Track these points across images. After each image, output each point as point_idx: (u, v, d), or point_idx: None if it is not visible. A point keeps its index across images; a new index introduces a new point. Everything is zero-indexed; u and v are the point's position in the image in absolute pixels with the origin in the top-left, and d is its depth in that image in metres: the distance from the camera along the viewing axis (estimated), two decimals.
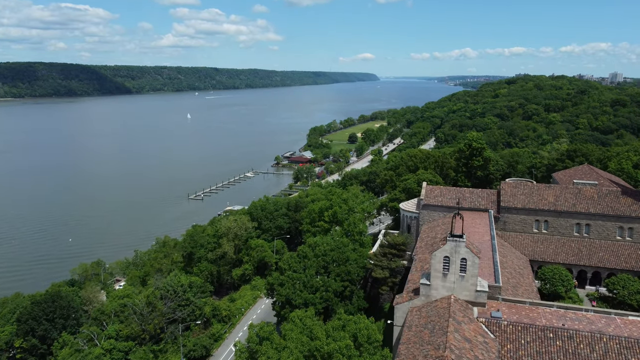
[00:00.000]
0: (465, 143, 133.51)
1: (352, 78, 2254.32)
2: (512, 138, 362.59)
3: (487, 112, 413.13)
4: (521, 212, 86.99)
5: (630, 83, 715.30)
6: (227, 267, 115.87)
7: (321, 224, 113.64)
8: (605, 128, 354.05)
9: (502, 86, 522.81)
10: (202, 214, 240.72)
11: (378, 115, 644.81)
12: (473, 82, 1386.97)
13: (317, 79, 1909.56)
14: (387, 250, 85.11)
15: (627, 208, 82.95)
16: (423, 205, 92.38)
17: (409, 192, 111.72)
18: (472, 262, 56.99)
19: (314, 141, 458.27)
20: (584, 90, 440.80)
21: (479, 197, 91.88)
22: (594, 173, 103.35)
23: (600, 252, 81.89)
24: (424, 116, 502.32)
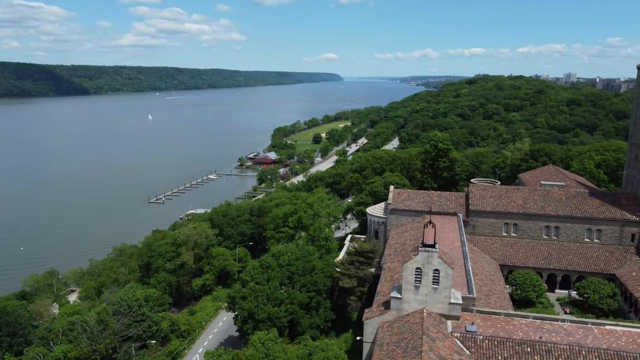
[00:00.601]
0: (431, 144, 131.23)
1: (316, 78, 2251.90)
2: (474, 137, 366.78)
3: (450, 111, 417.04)
4: (490, 216, 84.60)
5: (583, 83, 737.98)
6: (186, 277, 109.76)
7: (286, 230, 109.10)
8: (562, 127, 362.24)
9: (463, 86, 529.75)
10: (163, 218, 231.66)
11: (342, 116, 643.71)
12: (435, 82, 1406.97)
13: (281, 79, 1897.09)
14: (354, 258, 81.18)
15: (595, 210, 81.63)
16: (391, 210, 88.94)
17: (376, 195, 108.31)
18: (446, 274, 53.54)
19: (278, 142, 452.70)
20: (541, 90, 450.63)
21: (448, 200, 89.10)
22: (559, 174, 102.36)
23: (569, 254, 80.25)
24: (388, 116, 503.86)
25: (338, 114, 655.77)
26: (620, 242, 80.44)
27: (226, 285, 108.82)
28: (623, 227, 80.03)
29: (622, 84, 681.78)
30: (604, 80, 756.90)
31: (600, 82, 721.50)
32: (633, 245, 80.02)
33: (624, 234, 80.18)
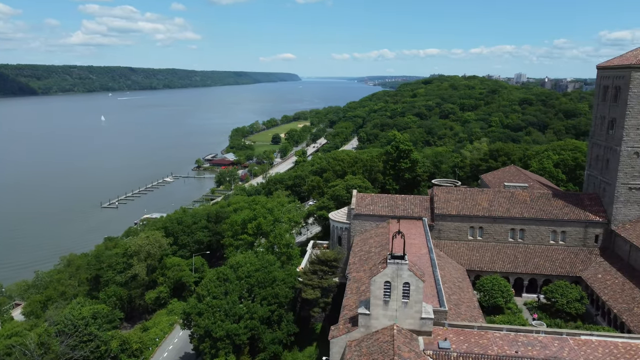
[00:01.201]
0: (393, 145, 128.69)
1: (274, 78, 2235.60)
2: (432, 136, 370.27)
3: (407, 111, 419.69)
4: (455, 219, 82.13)
5: (533, 83, 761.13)
6: (139, 290, 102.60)
7: (244, 237, 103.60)
8: (516, 126, 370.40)
9: (420, 86, 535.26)
10: (116, 223, 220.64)
11: (301, 116, 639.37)
12: (392, 82, 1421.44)
13: (238, 78, 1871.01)
14: (317, 267, 76.92)
15: (559, 211, 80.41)
16: (354, 215, 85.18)
17: (338, 199, 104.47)
18: (416, 287, 49.96)
19: (236, 143, 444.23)
20: (494, 90, 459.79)
21: (412, 204, 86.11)
22: (521, 174, 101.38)
23: (535, 257, 78.66)
24: (346, 116, 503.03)
25: (297, 114, 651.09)
26: (585, 244, 79.51)
27: (182, 298, 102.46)
28: (587, 228, 79.12)
29: (568, 83, 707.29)
30: (552, 80, 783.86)
31: (548, 82, 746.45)
32: (597, 246, 79.21)
33: (587, 235, 79.28)
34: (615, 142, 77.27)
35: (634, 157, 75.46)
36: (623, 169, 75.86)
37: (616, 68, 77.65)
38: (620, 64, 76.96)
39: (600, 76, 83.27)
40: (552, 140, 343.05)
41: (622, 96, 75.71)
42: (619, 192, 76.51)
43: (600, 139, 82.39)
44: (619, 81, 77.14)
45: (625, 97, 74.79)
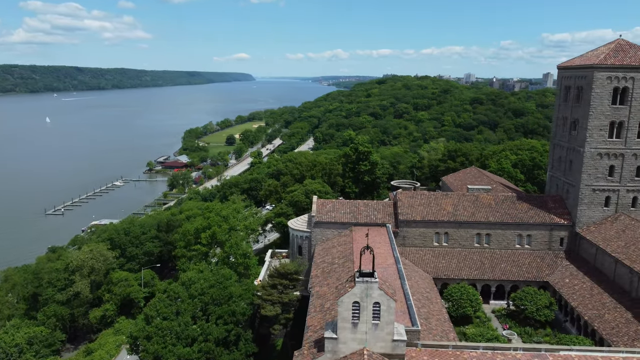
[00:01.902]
0: (351, 147, 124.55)
1: (227, 78, 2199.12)
2: (387, 136, 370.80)
3: (362, 111, 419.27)
4: (420, 225, 78.46)
5: (482, 82, 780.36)
6: (82, 308, 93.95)
7: (198, 248, 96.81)
8: (468, 125, 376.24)
9: (374, 86, 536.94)
10: (62, 231, 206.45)
11: (256, 116, 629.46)
12: (346, 82, 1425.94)
13: (191, 78, 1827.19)
14: (277, 281, 71.37)
15: (524, 214, 78.17)
16: (315, 223, 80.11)
17: (297, 205, 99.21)
18: (388, 307, 45.36)
19: (189, 144, 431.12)
20: (446, 90, 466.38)
21: (375, 210, 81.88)
22: (483, 176, 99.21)
23: (502, 263, 76.03)
24: (302, 116, 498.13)
25: (251, 115, 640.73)
26: (550, 247, 77.56)
27: (130, 315, 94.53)
28: (552, 231, 77.19)
29: (515, 83, 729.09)
30: (499, 80, 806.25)
31: (496, 82, 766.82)
32: (562, 249, 77.42)
33: (553, 238, 77.36)
34: (578, 143, 75.61)
35: (597, 159, 73.96)
36: (587, 171, 74.24)
37: (578, 68, 76.00)
38: (581, 64, 75.31)
39: (562, 76, 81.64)
40: (503, 138, 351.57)
41: (585, 97, 74.06)
42: (583, 194, 74.87)
43: (563, 140, 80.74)
44: (581, 81, 75.49)
45: (587, 97, 73.12)
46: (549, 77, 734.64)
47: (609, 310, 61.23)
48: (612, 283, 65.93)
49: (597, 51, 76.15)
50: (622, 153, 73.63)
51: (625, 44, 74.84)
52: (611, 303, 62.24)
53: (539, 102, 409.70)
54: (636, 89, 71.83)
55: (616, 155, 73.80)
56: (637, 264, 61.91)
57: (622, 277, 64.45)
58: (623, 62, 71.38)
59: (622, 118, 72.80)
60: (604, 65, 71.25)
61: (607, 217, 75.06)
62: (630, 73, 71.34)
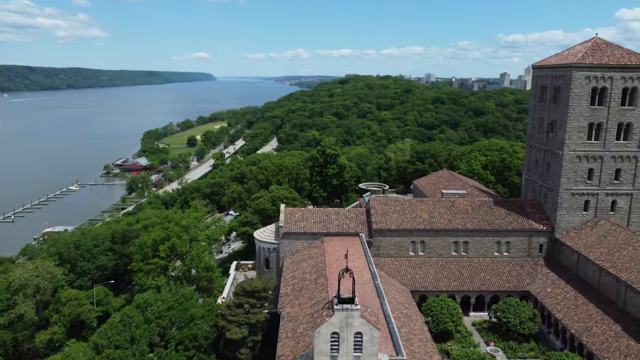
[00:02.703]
0: (319, 150, 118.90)
1: (188, 78, 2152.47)
2: (350, 136, 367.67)
3: (325, 111, 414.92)
4: (395, 234, 73.52)
5: (441, 82, 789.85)
6: (27, 331, 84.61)
7: (156, 261, 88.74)
8: (430, 124, 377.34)
9: (336, 86, 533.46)
10: (12, 240, 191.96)
11: (218, 116, 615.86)
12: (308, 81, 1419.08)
13: (150, 78, 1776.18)
14: (243, 299, 64.80)
15: (502, 220, 74.36)
16: (283, 234, 74.00)
17: (263, 213, 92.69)
18: (371, 337, 39.81)
19: (149, 146, 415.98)
20: (408, 90, 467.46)
21: (347, 218, 76.42)
22: (456, 180, 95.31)
23: (481, 272, 71.94)
24: (265, 116, 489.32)
25: (213, 115, 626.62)
26: (529, 254, 74.07)
27: (81, 338, 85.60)
28: (531, 237, 73.71)
29: (473, 83, 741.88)
30: (458, 79, 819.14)
31: (456, 82, 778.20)
32: (541, 256, 74.04)
33: (532, 244, 73.89)
34: (557, 146, 72.31)
35: (576, 161, 70.82)
36: (566, 174, 71.01)
37: (555, 68, 72.68)
38: (558, 63, 72.03)
39: (537, 76, 78.33)
40: (465, 137, 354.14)
41: (563, 97, 70.76)
42: (562, 198, 71.63)
43: (540, 142, 77.41)
44: (558, 81, 72.18)
45: (566, 97, 69.82)
46: (505, 77, 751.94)
47: (597, 322, 57.75)
48: (596, 292, 62.66)
49: (574, 50, 73.07)
50: (600, 155, 70.74)
51: (602, 42, 72.03)
52: (598, 314, 58.83)
53: (498, 101, 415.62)
54: (614, 89, 69.02)
55: (595, 158, 70.86)
56: (623, 272, 58.70)
57: (607, 287, 61.20)
58: (601, 61, 68.40)
59: (600, 119, 69.88)
60: (582, 65, 68.09)
61: (586, 221, 72.11)
62: (609, 72, 68.44)
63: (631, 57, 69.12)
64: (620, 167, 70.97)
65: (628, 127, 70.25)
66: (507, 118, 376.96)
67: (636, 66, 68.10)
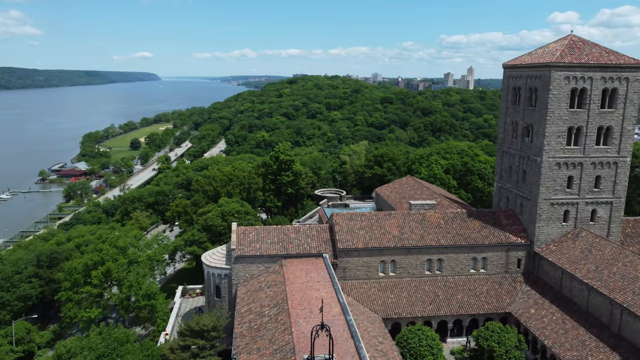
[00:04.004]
0: (272, 156, 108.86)
1: (130, 78, 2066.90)
2: (301, 137, 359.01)
3: (274, 111, 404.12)
4: (363, 254, 64.87)
5: (388, 82, 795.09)
6: None
7: (88, 289, 76.14)
8: (379, 124, 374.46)
9: (285, 86, 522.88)
10: None
11: (162, 118, 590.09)
12: (255, 81, 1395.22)
13: (90, 78, 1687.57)
14: (189, 341, 54.22)
15: (477, 234, 67.30)
16: (236, 258, 63.69)
17: (211, 230, 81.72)
18: None
19: (89, 150, 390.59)
20: (357, 90, 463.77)
21: (308, 237, 67.04)
22: (422, 187, 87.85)
23: (458, 293, 64.49)
24: (212, 117, 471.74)
25: (158, 116, 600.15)
26: (507, 270, 67.42)
27: None
28: (509, 252, 67.07)
29: (419, 83, 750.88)
30: (404, 79, 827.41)
31: (402, 82, 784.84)
32: (520, 271, 67.56)
33: (509, 260, 67.27)
34: (534, 152, 65.94)
35: (556, 169, 64.68)
36: (545, 183, 64.72)
37: (530, 67, 66.25)
38: (534, 62, 65.62)
39: (509, 76, 71.83)
40: (414, 137, 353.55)
41: (541, 99, 64.39)
42: (541, 209, 65.31)
43: (514, 148, 70.97)
44: (534, 82, 65.79)
45: (544, 100, 63.46)
46: (449, 77, 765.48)
47: (592, 351, 51.27)
48: (585, 314, 56.43)
49: (549, 48, 66.93)
50: (580, 162, 64.93)
51: (578, 40, 66.23)
52: (591, 341, 52.42)
53: (445, 101, 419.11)
54: (594, 90, 63.30)
55: (575, 165, 64.98)
56: (617, 293, 52.61)
57: (598, 308, 55.01)
58: (580, 60, 62.43)
59: (580, 123, 63.99)
60: (561, 64, 61.86)
61: (566, 233, 66.20)
62: (589, 72, 62.59)
63: (610, 56, 63.65)
64: (600, 174, 65.48)
65: (608, 131, 64.82)
66: (454, 117, 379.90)
67: (616, 65, 62.66)
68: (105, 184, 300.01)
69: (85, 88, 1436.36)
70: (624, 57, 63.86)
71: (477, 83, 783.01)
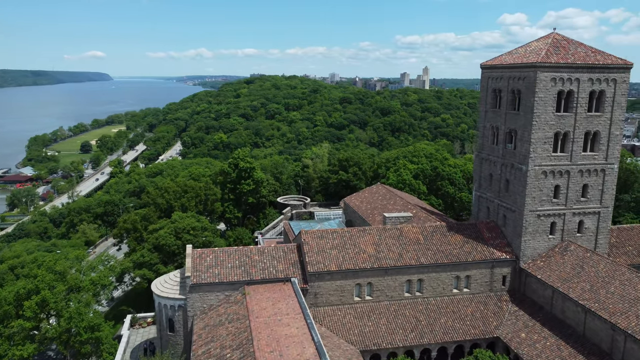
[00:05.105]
0: (230, 163, 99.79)
1: (81, 78, 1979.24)
2: (259, 138, 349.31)
3: (232, 112, 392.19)
4: (337, 276, 57.33)
5: (345, 82, 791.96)
6: None
7: (20, 323, 65.44)
8: (339, 124, 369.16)
9: (242, 86, 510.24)
10: None
11: (115, 119, 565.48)
12: (212, 81, 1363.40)
13: (37, 78, 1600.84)
14: None
15: (459, 250, 61.05)
16: (191, 286, 54.83)
17: (163, 249, 72.16)
18: None
19: (36, 154, 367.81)
20: (316, 90, 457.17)
21: (274, 258, 58.91)
22: (395, 197, 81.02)
23: (441, 317, 57.95)
24: (167, 118, 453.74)
25: (110, 118, 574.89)
26: (491, 288, 61.50)
27: None
28: (493, 269, 61.16)
29: (376, 82, 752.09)
30: (362, 79, 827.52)
31: (359, 82, 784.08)
32: (505, 289, 61.78)
33: (494, 277, 61.37)
34: (518, 160, 60.24)
35: (542, 178, 59.18)
36: (531, 193, 59.12)
37: (512, 68, 60.50)
38: (516, 62, 59.90)
39: (487, 77, 65.99)
40: (374, 137, 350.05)
41: (525, 102, 58.69)
42: (527, 222, 59.70)
43: (495, 155, 65.18)
44: (517, 84, 60.07)
45: (529, 103, 57.78)
46: (405, 77, 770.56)
47: None
48: (582, 339, 50.92)
49: (531, 47, 61.38)
50: (567, 170, 59.69)
51: (561, 38, 61.00)
52: None
53: (403, 100, 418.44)
54: (581, 93, 58.15)
55: (561, 173, 59.67)
56: (619, 317, 47.27)
57: (597, 333, 49.58)
58: (567, 59, 57.09)
59: (567, 128, 58.70)
60: (547, 64, 56.28)
61: (553, 246, 60.92)
62: (575, 73, 57.34)
63: (597, 56, 58.67)
64: (587, 182, 60.50)
65: (595, 136, 59.88)
66: (413, 117, 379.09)
67: (604, 66, 57.73)
68: (53, 190, 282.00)
69: (32, 88, 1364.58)
70: (611, 57, 59.06)
71: (432, 83, 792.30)
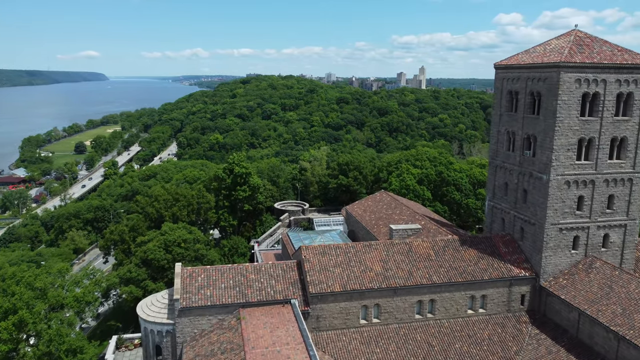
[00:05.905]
0: (225, 169, 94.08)
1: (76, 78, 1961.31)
2: (256, 138, 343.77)
3: (228, 112, 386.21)
4: (341, 298, 51.80)
5: (342, 82, 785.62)
6: None
7: None
8: (336, 124, 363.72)
9: (238, 86, 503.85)
10: None
11: (110, 120, 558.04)
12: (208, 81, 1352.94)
13: (32, 78, 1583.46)
14: None
15: (474, 267, 55.62)
16: (181, 310, 49.18)
17: (151, 264, 66.44)
18: None
19: (29, 155, 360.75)
20: (312, 90, 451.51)
21: (271, 277, 53.30)
22: (400, 205, 75.48)
23: (455, 342, 52.50)
24: (162, 119, 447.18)
25: (105, 118, 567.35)
26: (509, 308, 56.10)
27: None
28: (511, 287, 55.77)
29: (372, 82, 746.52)
30: (358, 79, 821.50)
31: (356, 81, 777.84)
32: (523, 309, 56.39)
33: (512, 296, 55.98)
34: (539, 168, 54.84)
35: (564, 188, 53.81)
36: (552, 205, 53.72)
37: (532, 68, 55.07)
38: (536, 61, 54.47)
39: (502, 78, 60.56)
40: (371, 137, 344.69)
41: (546, 106, 53.27)
42: (548, 236, 54.32)
43: (510, 162, 59.76)
44: (537, 85, 54.65)
45: (551, 107, 52.37)
46: (402, 76, 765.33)
47: None
48: None
49: (551, 45, 55.95)
50: (592, 179, 54.34)
51: (584, 36, 55.59)
52: None
53: (400, 100, 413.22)
54: (608, 95, 52.80)
55: (586, 183, 54.32)
56: None
57: None
58: (593, 59, 51.70)
59: (592, 134, 53.34)
60: (571, 64, 50.89)
61: (576, 262, 55.57)
62: (602, 74, 51.98)
63: (624, 55, 53.33)
64: (613, 193, 55.20)
65: (622, 142, 54.56)
66: (410, 117, 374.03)
67: (633, 66, 52.40)
68: (46, 192, 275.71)
69: (27, 88, 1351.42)
70: (639, 55, 53.71)
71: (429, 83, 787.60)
